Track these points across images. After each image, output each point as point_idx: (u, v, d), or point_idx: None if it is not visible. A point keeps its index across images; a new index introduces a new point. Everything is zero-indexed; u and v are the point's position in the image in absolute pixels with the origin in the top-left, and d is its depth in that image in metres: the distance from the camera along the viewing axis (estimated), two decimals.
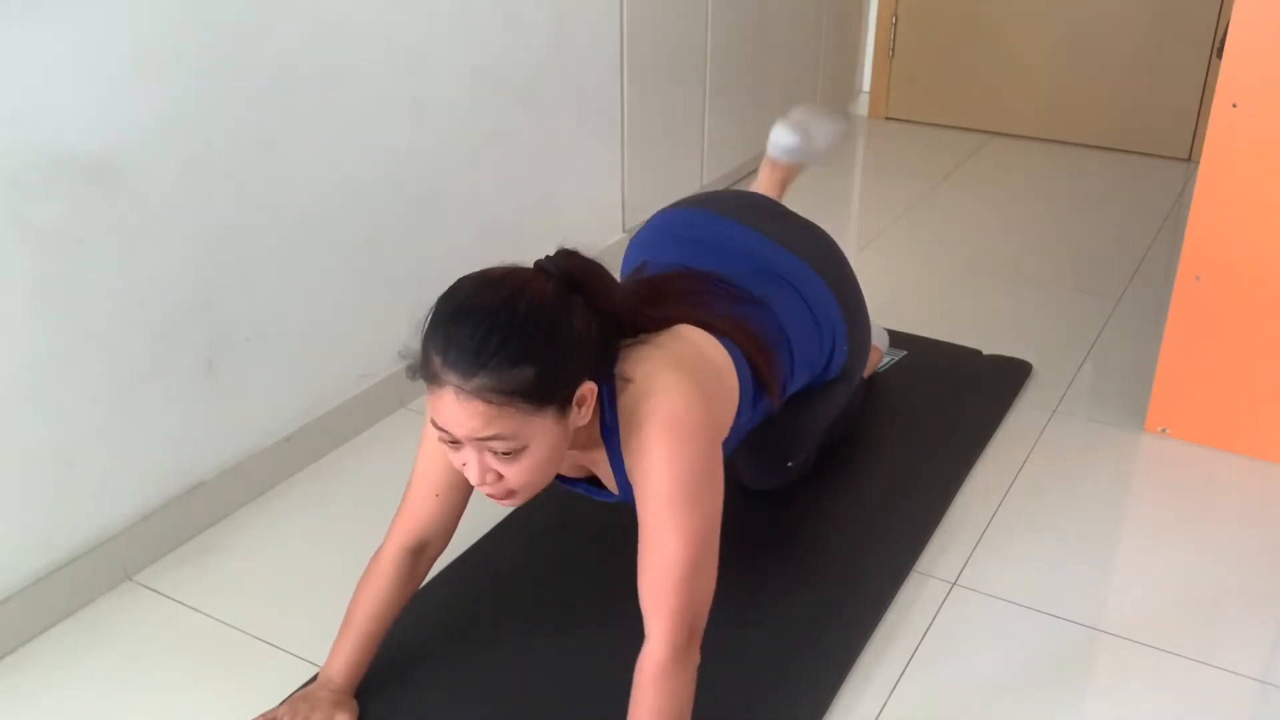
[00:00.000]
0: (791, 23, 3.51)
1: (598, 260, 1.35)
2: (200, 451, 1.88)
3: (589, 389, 1.28)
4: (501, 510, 1.91)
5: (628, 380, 1.34)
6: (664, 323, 1.44)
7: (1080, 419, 2.23)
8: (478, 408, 1.19)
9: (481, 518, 1.90)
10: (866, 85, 4.08)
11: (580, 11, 2.54)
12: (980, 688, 1.58)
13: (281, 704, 1.48)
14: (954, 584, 1.77)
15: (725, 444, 1.45)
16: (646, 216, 1.94)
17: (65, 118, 1.54)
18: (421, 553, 1.50)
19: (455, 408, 1.20)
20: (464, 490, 1.47)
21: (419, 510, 1.47)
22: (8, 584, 1.63)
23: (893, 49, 3.99)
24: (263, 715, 1.47)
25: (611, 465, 1.40)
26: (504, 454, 1.23)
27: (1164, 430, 2.17)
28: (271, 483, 2.02)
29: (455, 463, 1.28)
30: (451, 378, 1.19)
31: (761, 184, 2.19)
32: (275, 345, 1.96)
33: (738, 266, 1.65)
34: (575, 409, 1.27)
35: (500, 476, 1.26)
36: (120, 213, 1.64)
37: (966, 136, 3.91)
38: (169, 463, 1.83)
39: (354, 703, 1.49)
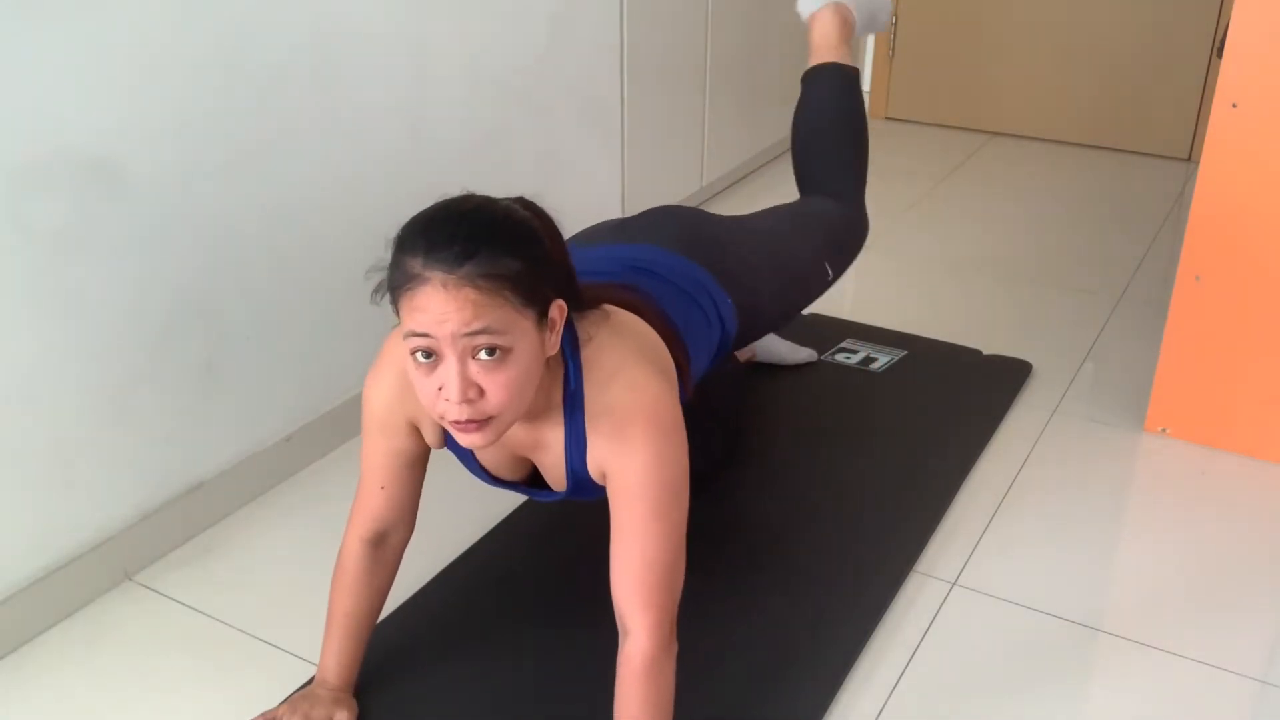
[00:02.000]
0: (791, 23, 3.49)
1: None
2: (200, 451, 1.88)
3: (560, 307, 1.26)
4: (501, 510, 1.91)
5: (591, 355, 1.34)
6: (601, 299, 1.43)
7: (1080, 419, 2.23)
8: (468, 295, 1.15)
9: (482, 518, 1.90)
10: (866, 85, 4.08)
11: (580, 11, 2.54)
12: (980, 688, 1.58)
13: (281, 704, 1.48)
14: (954, 584, 1.77)
15: None
16: None
17: (66, 117, 1.54)
18: (382, 543, 1.50)
19: (442, 299, 1.15)
20: (411, 477, 1.46)
21: (369, 503, 1.47)
22: (8, 584, 1.63)
23: (893, 49, 3.99)
24: (263, 715, 1.47)
25: (567, 444, 1.36)
26: (489, 356, 1.18)
27: (1164, 430, 2.17)
28: (271, 483, 2.02)
29: (430, 388, 1.21)
30: (437, 271, 1.15)
31: (812, 48, 2.08)
32: (275, 345, 1.96)
33: (597, 277, 1.57)
34: (547, 331, 1.25)
35: (481, 393, 1.20)
36: (120, 213, 1.64)
37: (966, 136, 3.91)
38: (169, 463, 1.83)
39: (353, 701, 1.49)
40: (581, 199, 2.71)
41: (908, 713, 1.54)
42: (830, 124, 2.00)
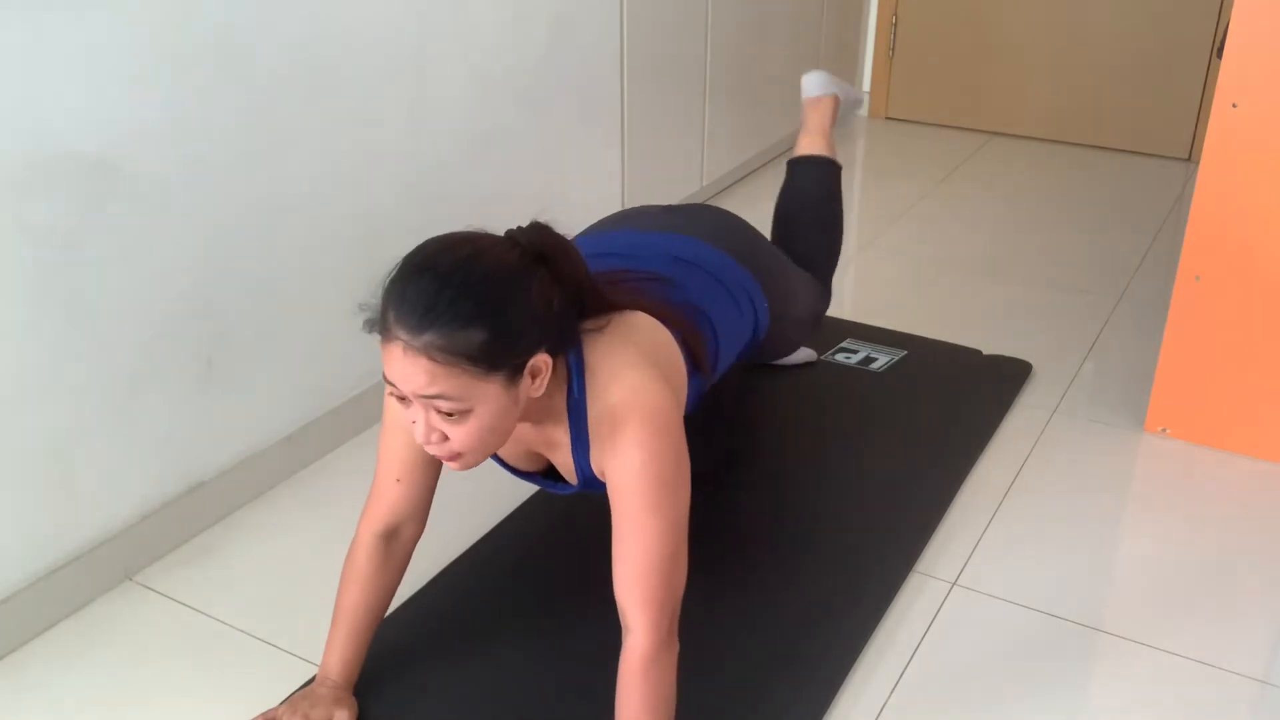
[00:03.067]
0: (791, 23, 3.51)
1: (567, 237, 1.35)
2: (200, 451, 1.88)
3: (543, 361, 1.27)
4: (502, 510, 1.91)
5: (595, 363, 1.35)
6: (616, 306, 1.44)
7: (1080, 419, 2.23)
8: (423, 364, 1.19)
9: (482, 517, 1.90)
10: (866, 85, 4.09)
11: (580, 11, 2.54)
12: (980, 688, 1.58)
13: (281, 703, 1.48)
14: (954, 584, 1.77)
15: None
16: None
17: (65, 117, 1.54)
18: (395, 537, 1.50)
19: (402, 363, 1.20)
20: (426, 472, 1.48)
21: (383, 496, 1.48)
22: (8, 584, 1.63)
23: (893, 49, 3.99)
24: (263, 715, 1.47)
25: (573, 446, 1.39)
26: (448, 415, 1.23)
27: (1164, 430, 2.17)
28: (271, 483, 2.02)
29: (406, 420, 1.28)
30: (401, 332, 1.19)
31: (807, 130, 2.23)
32: (275, 345, 1.96)
33: (638, 262, 1.63)
34: (527, 379, 1.27)
35: (445, 437, 1.26)
36: (120, 213, 1.64)
37: (966, 136, 3.91)
38: (169, 463, 1.83)
39: (353, 700, 1.49)
40: (582, 199, 2.71)
41: (908, 713, 1.54)
42: (814, 213, 2.11)
